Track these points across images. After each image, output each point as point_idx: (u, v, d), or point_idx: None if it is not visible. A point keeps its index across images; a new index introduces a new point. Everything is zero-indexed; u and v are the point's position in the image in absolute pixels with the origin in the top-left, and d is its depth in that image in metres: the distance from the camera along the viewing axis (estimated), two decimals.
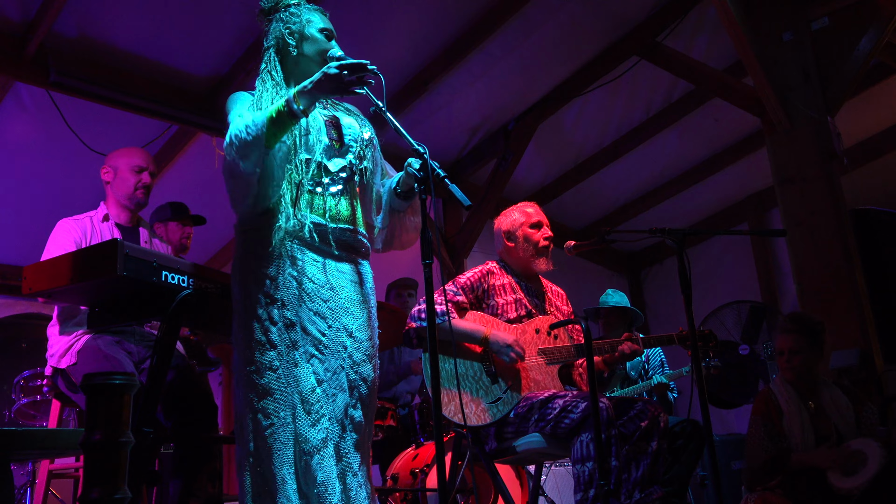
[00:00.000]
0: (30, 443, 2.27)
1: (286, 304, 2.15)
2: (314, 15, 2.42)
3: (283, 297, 2.15)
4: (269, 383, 2.11)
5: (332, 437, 2.14)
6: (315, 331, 2.17)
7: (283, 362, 2.12)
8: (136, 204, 3.30)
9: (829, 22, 4.57)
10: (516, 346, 2.97)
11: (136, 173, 3.28)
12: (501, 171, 5.90)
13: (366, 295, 2.34)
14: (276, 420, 2.08)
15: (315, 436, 2.09)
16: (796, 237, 4.50)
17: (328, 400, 2.15)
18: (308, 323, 2.17)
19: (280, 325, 2.14)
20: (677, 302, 2.90)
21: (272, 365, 2.12)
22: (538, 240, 3.21)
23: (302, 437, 2.09)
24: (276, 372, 2.11)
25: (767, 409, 3.47)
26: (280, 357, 2.13)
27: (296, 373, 2.12)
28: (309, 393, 2.12)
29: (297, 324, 2.16)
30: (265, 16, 2.43)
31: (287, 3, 2.41)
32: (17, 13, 3.93)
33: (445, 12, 4.70)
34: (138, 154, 3.34)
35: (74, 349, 2.98)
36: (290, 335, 2.14)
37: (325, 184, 2.29)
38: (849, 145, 5.08)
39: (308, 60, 2.37)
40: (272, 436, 2.08)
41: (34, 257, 2.92)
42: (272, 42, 2.38)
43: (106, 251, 2.27)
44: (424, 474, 3.77)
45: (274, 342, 2.13)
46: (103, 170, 3.30)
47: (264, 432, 2.08)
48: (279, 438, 2.08)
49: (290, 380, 2.12)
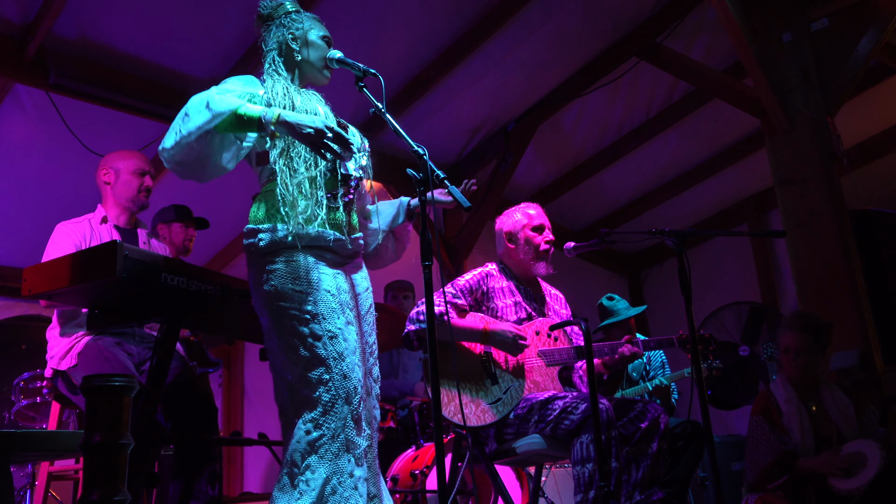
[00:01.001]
0: (29, 444, 2.26)
1: (326, 317, 2.17)
2: (314, 23, 2.47)
3: (321, 312, 2.16)
4: (321, 396, 2.11)
5: (372, 444, 2.23)
6: (352, 339, 2.21)
7: (332, 375, 2.14)
8: (139, 206, 3.32)
9: (829, 23, 4.56)
10: (518, 336, 2.97)
11: (139, 176, 3.29)
12: (501, 172, 5.90)
13: (372, 299, 2.46)
14: (327, 431, 2.10)
15: (363, 444, 2.16)
16: (796, 238, 4.50)
17: (365, 406, 2.21)
18: (347, 333, 2.20)
19: (325, 339, 2.15)
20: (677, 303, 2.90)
21: (321, 379, 2.13)
22: (539, 243, 3.20)
23: (353, 445, 2.13)
24: (326, 385, 2.13)
25: (768, 409, 3.47)
26: (329, 371, 2.13)
27: (345, 385, 2.14)
28: (357, 404, 2.15)
29: (339, 335, 2.17)
30: (263, 22, 2.46)
31: (287, 10, 2.44)
32: (17, 15, 3.93)
33: (445, 13, 4.70)
34: (139, 157, 3.36)
35: (74, 351, 2.98)
36: (335, 347, 2.15)
37: (339, 196, 2.31)
38: (848, 146, 5.08)
39: (311, 66, 2.42)
40: (323, 447, 2.09)
41: (34, 259, 2.91)
42: (273, 46, 2.41)
43: (105, 253, 2.27)
44: (424, 475, 3.77)
45: (321, 357, 2.13)
46: (102, 171, 3.30)
47: (315, 442, 2.09)
48: (330, 450, 2.10)
49: (340, 391, 2.13)
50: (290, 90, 2.31)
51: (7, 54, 4.00)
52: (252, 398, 7.31)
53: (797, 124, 4.55)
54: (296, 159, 2.21)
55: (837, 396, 3.50)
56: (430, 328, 2.08)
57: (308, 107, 2.30)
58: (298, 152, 2.22)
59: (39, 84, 4.16)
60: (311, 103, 2.34)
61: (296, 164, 2.21)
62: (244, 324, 2.76)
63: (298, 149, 2.22)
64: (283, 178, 2.19)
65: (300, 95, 2.33)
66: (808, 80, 4.53)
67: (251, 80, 2.34)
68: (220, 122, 2.09)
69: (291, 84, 2.36)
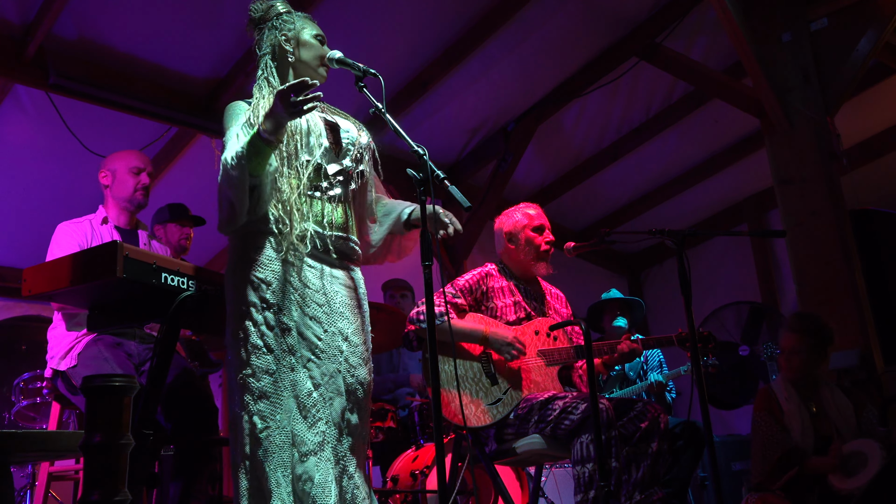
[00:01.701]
0: (30, 445, 2.26)
1: (282, 309, 2.17)
2: (306, 21, 2.47)
3: (280, 302, 2.17)
4: (265, 387, 2.11)
5: (329, 441, 2.15)
6: (311, 335, 2.19)
7: (279, 366, 2.13)
8: (136, 205, 3.31)
9: (829, 23, 4.57)
10: (516, 342, 2.97)
11: (135, 175, 3.29)
12: (501, 172, 5.90)
13: (359, 300, 2.38)
14: (272, 423, 2.09)
15: (312, 439, 2.11)
16: (796, 238, 4.50)
17: (325, 404, 2.17)
18: (304, 328, 2.19)
19: (276, 330, 2.15)
20: (677, 303, 2.91)
21: (269, 369, 2.13)
22: (540, 243, 3.20)
23: (299, 440, 2.10)
24: (272, 376, 2.12)
25: (771, 406, 3.47)
26: (277, 361, 2.14)
27: (292, 377, 2.14)
28: (305, 397, 2.13)
29: (293, 329, 2.17)
30: (255, 25, 2.47)
31: (278, 12, 2.45)
32: (17, 15, 3.93)
33: (445, 13, 4.70)
34: (135, 156, 3.35)
35: (75, 351, 2.98)
36: (286, 340, 2.15)
37: (323, 188, 2.31)
38: (848, 146, 5.08)
39: (305, 66, 2.42)
40: (267, 439, 2.08)
41: (34, 259, 2.91)
42: (267, 49, 2.41)
43: (106, 253, 2.27)
44: (424, 476, 3.77)
45: (270, 346, 2.14)
46: (101, 174, 3.31)
47: (259, 435, 2.08)
48: (274, 442, 2.08)
49: (286, 384, 2.13)
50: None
51: (7, 54, 4.00)
52: None
53: (797, 124, 4.55)
54: (278, 179, 2.22)
55: (837, 397, 3.50)
56: (430, 328, 2.08)
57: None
58: (281, 172, 2.22)
59: (39, 84, 4.16)
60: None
61: (279, 183, 2.22)
62: None
63: (281, 168, 2.23)
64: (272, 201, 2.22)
65: None
66: (808, 80, 4.53)
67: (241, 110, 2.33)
68: (245, 171, 2.11)
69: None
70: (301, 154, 2.27)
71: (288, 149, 2.25)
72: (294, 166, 2.26)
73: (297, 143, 2.27)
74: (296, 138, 2.27)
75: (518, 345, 2.97)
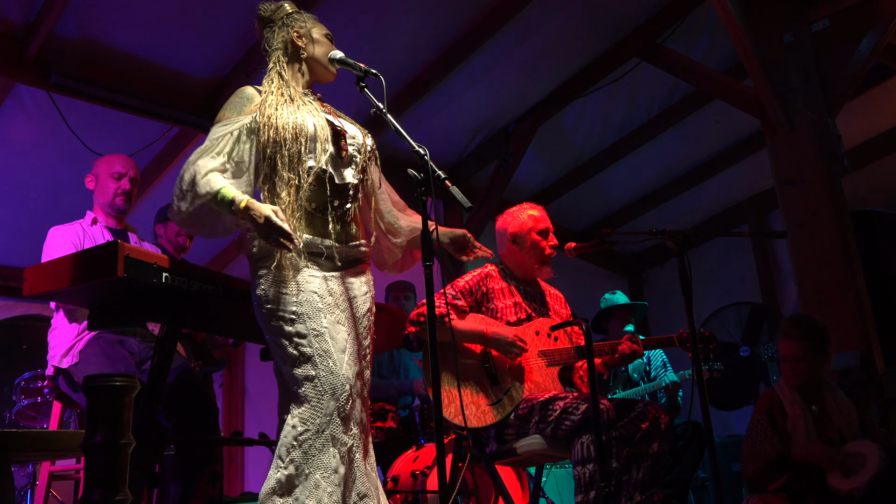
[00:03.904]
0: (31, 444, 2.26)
1: (310, 318, 2.20)
2: (314, 21, 2.51)
3: (306, 311, 2.20)
4: (307, 392, 2.15)
5: (357, 444, 2.22)
6: (340, 338, 2.23)
7: (318, 371, 2.16)
8: (117, 210, 3.29)
9: (830, 23, 4.56)
10: (518, 340, 2.97)
11: (116, 180, 3.27)
12: (502, 172, 5.90)
13: (371, 302, 2.44)
14: (312, 427, 2.12)
15: (348, 442, 2.17)
16: (797, 239, 4.50)
17: (353, 406, 2.22)
18: (335, 332, 2.22)
19: (310, 337, 2.18)
20: (678, 304, 2.90)
21: (307, 375, 2.16)
22: (544, 247, 3.20)
23: (339, 442, 2.14)
24: (312, 381, 2.16)
25: (771, 410, 3.45)
26: (315, 367, 2.16)
27: (332, 381, 2.17)
28: (345, 402, 2.17)
29: (325, 333, 2.20)
30: (265, 24, 2.49)
31: (287, 11, 2.48)
32: (19, 15, 3.94)
33: (446, 14, 4.70)
34: (119, 161, 3.34)
35: (76, 348, 2.99)
36: (320, 345, 2.18)
37: (335, 206, 2.33)
38: (849, 147, 5.07)
39: (317, 62, 2.46)
40: (307, 441, 2.11)
41: (35, 259, 2.92)
42: (279, 45, 2.44)
43: (107, 253, 2.27)
44: (425, 476, 3.77)
45: (307, 354, 2.17)
46: (87, 178, 3.33)
47: (299, 437, 2.12)
48: (314, 445, 2.12)
49: (326, 387, 2.16)
50: (278, 106, 2.30)
51: (8, 54, 4.00)
52: (253, 398, 7.31)
53: (798, 125, 4.54)
54: (278, 184, 2.24)
55: (840, 399, 3.48)
56: (430, 329, 2.08)
57: (295, 119, 2.29)
58: (281, 175, 2.24)
59: (41, 84, 4.17)
60: (300, 114, 2.31)
61: (278, 188, 2.24)
62: (245, 324, 2.76)
63: (281, 172, 2.25)
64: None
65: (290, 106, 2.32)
66: (809, 81, 4.53)
67: (246, 98, 2.35)
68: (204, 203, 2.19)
69: (290, 88, 2.36)
70: (305, 159, 2.28)
71: (291, 151, 2.26)
72: (297, 170, 2.26)
73: (302, 147, 2.27)
74: (300, 140, 2.27)
75: (520, 343, 2.97)
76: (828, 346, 3.49)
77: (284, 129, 2.26)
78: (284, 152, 2.25)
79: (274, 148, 2.25)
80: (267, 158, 2.26)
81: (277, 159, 2.24)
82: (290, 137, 2.26)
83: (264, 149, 2.27)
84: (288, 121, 2.28)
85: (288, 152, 2.25)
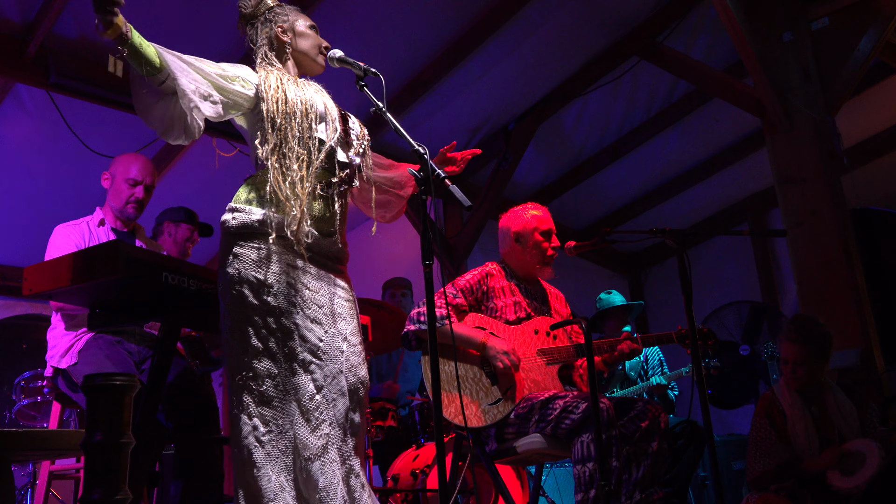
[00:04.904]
0: (30, 444, 2.26)
1: (283, 313, 2.14)
2: (297, 13, 2.48)
3: (281, 305, 2.14)
4: (268, 391, 2.09)
5: (333, 442, 2.13)
6: (313, 337, 2.17)
7: (280, 370, 2.11)
8: (126, 217, 3.27)
9: (830, 22, 4.56)
10: (513, 354, 2.96)
11: (130, 186, 3.22)
12: (502, 171, 5.90)
13: (353, 301, 2.37)
14: (274, 428, 2.08)
15: (315, 442, 2.09)
16: (797, 237, 4.50)
17: (329, 405, 2.15)
18: (305, 330, 2.16)
19: (278, 335, 2.13)
20: (678, 302, 2.90)
21: (270, 373, 2.10)
22: (547, 248, 3.20)
23: (302, 444, 2.08)
24: (274, 380, 2.10)
25: (771, 412, 3.44)
26: (278, 365, 2.11)
27: (294, 381, 2.12)
28: (308, 401, 2.11)
29: (294, 331, 2.14)
30: (247, 21, 2.46)
31: (269, 6, 2.45)
32: (18, 14, 3.93)
33: (445, 13, 4.70)
34: (136, 166, 3.27)
35: (75, 349, 2.98)
36: (288, 344, 2.13)
37: (333, 183, 2.29)
38: (849, 145, 5.07)
39: (304, 55, 2.44)
40: (270, 443, 2.07)
41: (34, 258, 2.92)
42: (264, 41, 2.42)
43: (107, 252, 2.27)
44: (425, 475, 3.77)
45: (272, 350, 2.11)
46: (104, 175, 3.30)
47: (261, 438, 2.07)
48: (277, 447, 2.07)
49: (288, 387, 2.11)
50: (284, 81, 2.29)
51: (8, 54, 4.00)
52: None
53: (798, 123, 4.55)
54: (288, 156, 2.19)
55: (840, 399, 3.47)
56: (430, 329, 2.07)
57: (303, 96, 2.28)
58: (291, 147, 2.20)
59: (40, 83, 4.16)
60: (307, 93, 2.32)
61: (288, 161, 2.19)
62: None
63: (291, 143, 2.20)
64: (276, 177, 2.17)
65: (295, 86, 2.31)
66: (809, 80, 4.53)
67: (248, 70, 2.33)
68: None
69: (285, 75, 2.35)
70: (315, 132, 2.25)
71: (302, 125, 2.23)
72: (306, 145, 2.23)
73: (312, 122, 2.26)
74: (310, 117, 2.26)
75: (514, 357, 2.96)
76: (829, 349, 3.47)
77: (294, 103, 2.23)
78: (294, 124, 2.21)
79: (284, 120, 2.20)
80: (276, 129, 2.20)
81: (287, 131, 2.20)
82: (301, 112, 2.24)
83: (272, 118, 2.20)
84: (296, 96, 2.26)
85: (298, 126, 2.22)
